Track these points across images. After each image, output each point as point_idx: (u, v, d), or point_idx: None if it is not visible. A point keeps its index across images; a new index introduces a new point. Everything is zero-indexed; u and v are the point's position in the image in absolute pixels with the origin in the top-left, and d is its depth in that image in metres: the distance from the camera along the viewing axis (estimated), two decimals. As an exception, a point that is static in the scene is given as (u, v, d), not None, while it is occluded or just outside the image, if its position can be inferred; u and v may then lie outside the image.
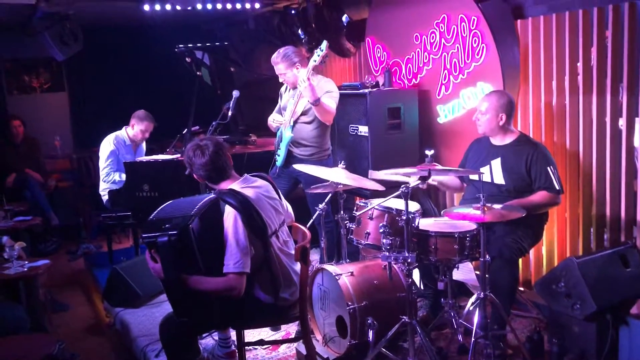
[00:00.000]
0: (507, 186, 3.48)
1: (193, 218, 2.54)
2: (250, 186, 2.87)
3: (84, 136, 7.38)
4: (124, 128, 5.36)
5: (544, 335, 3.37)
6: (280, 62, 4.18)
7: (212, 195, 2.75)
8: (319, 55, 3.86)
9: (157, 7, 5.32)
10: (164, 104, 6.41)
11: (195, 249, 2.56)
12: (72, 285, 5.35)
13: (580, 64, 3.63)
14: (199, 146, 2.82)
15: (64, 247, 6.31)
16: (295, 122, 4.20)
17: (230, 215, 2.68)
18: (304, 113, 4.17)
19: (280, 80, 4.30)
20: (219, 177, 2.87)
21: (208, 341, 3.63)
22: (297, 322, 3.34)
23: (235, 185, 2.85)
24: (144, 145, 5.59)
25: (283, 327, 3.71)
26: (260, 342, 3.17)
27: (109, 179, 5.18)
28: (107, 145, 5.24)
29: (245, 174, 2.97)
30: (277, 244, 2.88)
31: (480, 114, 3.54)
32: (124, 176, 5.02)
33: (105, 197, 5.23)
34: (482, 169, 3.53)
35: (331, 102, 4.11)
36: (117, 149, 5.24)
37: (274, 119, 4.37)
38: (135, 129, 5.30)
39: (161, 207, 2.73)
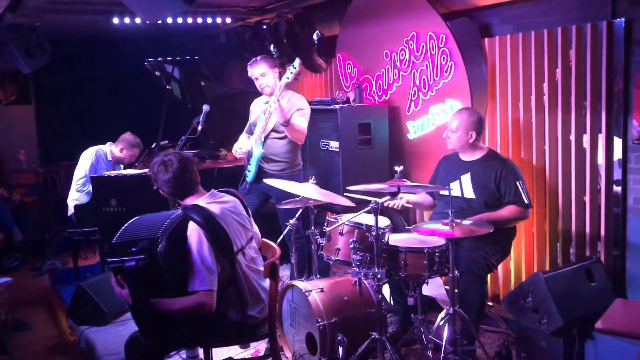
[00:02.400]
0: (478, 201, 3.52)
1: (160, 239, 2.47)
2: (217, 201, 2.82)
3: (50, 150, 7.23)
4: (108, 144, 5.27)
5: (512, 350, 3.40)
6: (260, 63, 4.14)
7: (178, 212, 2.70)
8: (291, 73, 3.87)
9: (127, 20, 5.28)
10: (133, 118, 6.33)
11: (162, 271, 2.49)
12: (35, 303, 5.20)
13: (545, 84, 3.71)
14: (163, 162, 2.77)
15: (28, 264, 6.15)
16: (266, 137, 4.19)
17: (194, 232, 2.62)
18: (274, 129, 4.16)
19: (258, 84, 4.20)
20: (183, 193, 2.81)
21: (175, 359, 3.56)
22: (266, 340, 3.30)
23: (201, 200, 2.79)
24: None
25: (252, 344, 3.66)
26: (229, 360, 3.13)
27: (84, 189, 5.08)
28: (87, 157, 5.17)
29: (213, 190, 2.93)
30: (244, 261, 2.82)
31: (450, 131, 3.58)
32: None
33: (71, 210, 5.12)
34: (452, 184, 3.57)
35: (302, 120, 4.10)
36: (97, 162, 5.16)
37: (239, 147, 4.33)
38: (124, 153, 5.25)
39: (124, 226, 2.65)
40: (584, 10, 3.49)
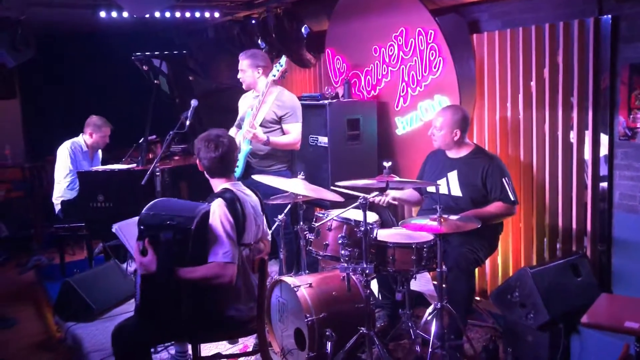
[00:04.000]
0: (464, 198, 3.53)
1: (195, 219, 2.60)
2: (242, 192, 2.92)
3: (36, 145, 7.15)
4: (80, 135, 5.24)
5: (499, 344, 3.42)
6: (245, 59, 4.21)
7: (205, 204, 2.77)
8: (278, 70, 3.91)
9: (114, 14, 5.23)
10: (120, 113, 6.26)
11: (190, 248, 2.61)
12: (21, 299, 5.15)
13: (533, 82, 3.73)
14: (216, 140, 2.89)
15: (13, 259, 6.08)
16: (254, 133, 4.18)
17: (221, 207, 2.72)
18: (262, 125, 4.15)
19: (238, 76, 4.28)
20: (219, 173, 2.93)
21: (163, 355, 3.54)
22: (255, 335, 3.30)
23: (229, 185, 2.90)
24: (100, 153, 5.48)
25: (240, 340, 3.66)
26: (218, 356, 3.12)
27: (74, 186, 5.03)
28: (64, 152, 5.12)
29: (239, 181, 3.04)
30: (245, 255, 2.87)
31: (435, 129, 3.59)
32: None
33: (58, 207, 5.08)
34: (439, 181, 3.58)
35: (293, 127, 4.15)
36: (75, 155, 5.12)
37: None
38: (94, 137, 5.21)
39: (153, 203, 2.77)
40: (571, 7, 3.51)
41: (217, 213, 2.71)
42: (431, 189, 3.65)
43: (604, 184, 3.48)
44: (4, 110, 7.25)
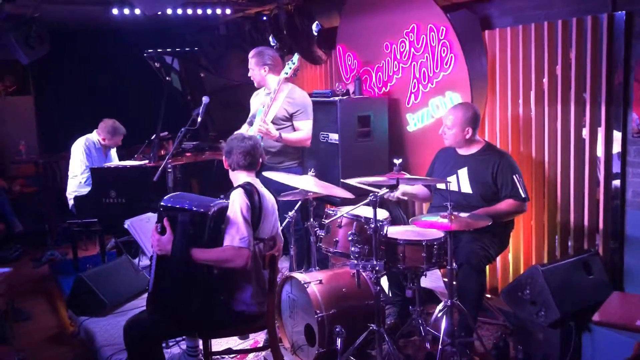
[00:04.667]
0: (474, 195, 3.52)
1: (214, 207, 2.72)
2: (263, 189, 3.00)
3: (50, 141, 7.22)
4: (94, 131, 5.30)
5: (509, 342, 3.41)
6: (252, 57, 4.26)
7: (224, 201, 2.85)
8: (290, 68, 3.93)
9: (126, 11, 5.26)
10: (132, 109, 6.32)
11: (206, 233, 2.70)
12: (35, 293, 5.22)
13: (545, 79, 3.70)
14: (245, 136, 3.09)
15: (28, 254, 6.15)
16: (266, 129, 4.19)
17: (241, 195, 2.80)
18: (274, 122, 4.16)
19: (249, 74, 4.33)
20: (245, 166, 3.02)
21: (175, 350, 3.57)
22: (265, 331, 3.32)
23: (251, 179, 2.99)
24: (114, 149, 5.53)
25: (251, 335, 3.68)
26: (228, 351, 3.14)
27: (90, 182, 5.07)
28: (79, 148, 5.18)
29: (257, 179, 3.10)
30: (258, 250, 2.91)
31: (446, 128, 3.58)
32: None
33: (71, 202, 5.13)
34: (449, 179, 3.57)
35: (304, 124, 4.17)
36: (89, 151, 5.18)
37: None
38: (106, 142, 5.30)
39: (173, 194, 2.92)
40: (584, 2, 3.48)
41: (237, 200, 2.78)
42: (441, 185, 3.64)
43: (617, 182, 3.45)
44: (18, 107, 7.33)
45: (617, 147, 3.44)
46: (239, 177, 3.04)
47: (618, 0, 3.30)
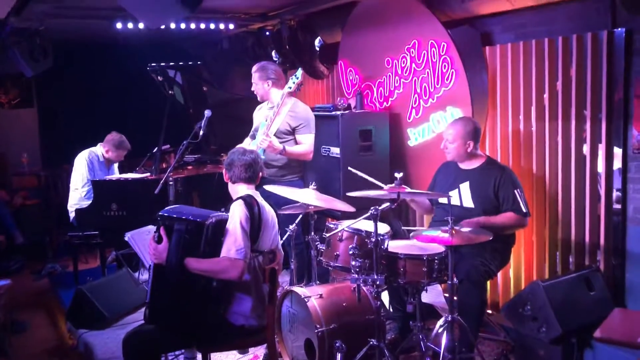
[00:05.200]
0: (476, 209, 3.52)
1: (212, 219, 2.75)
2: (263, 202, 3.00)
3: (53, 153, 7.25)
4: (98, 145, 5.32)
5: (510, 358, 3.39)
6: (256, 72, 4.31)
7: (224, 214, 2.86)
8: (294, 83, 3.96)
9: (130, 25, 5.31)
10: (135, 122, 6.36)
11: (202, 244, 2.72)
12: (35, 306, 5.21)
13: (546, 95, 3.72)
14: (246, 150, 3.11)
15: (28, 266, 6.15)
16: (268, 144, 4.21)
17: (241, 207, 2.79)
18: (276, 135, 4.17)
19: (252, 88, 4.36)
20: (245, 179, 3.03)
21: (174, 364, 3.55)
22: (265, 345, 3.30)
23: (252, 192, 2.99)
24: (116, 164, 5.55)
25: (251, 350, 3.67)
26: (227, 366, 3.12)
27: (91, 195, 5.08)
28: (82, 162, 5.19)
29: (257, 191, 3.10)
30: (257, 263, 2.90)
31: (448, 142, 3.59)
32: None
33: (72, 214, 5.13)
34: (451, 193, 3.57)
35: (306, 137, 4.19)
36: (92, 165, 5.19)
37: None
38: (109, 154, 5.30)
39: (173, 206, 2.99)
40: (584, 19, 3.50)
41: (237, 212, 2.78)
42: (443, 200, 3.64)
43: (618, 198, 3.45)
44: (21, 119, 7.37)
45: (617, 163, 3.44)
46: (239, 189, 3.04)
47: (618, 18, 3.32)
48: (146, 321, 2.84)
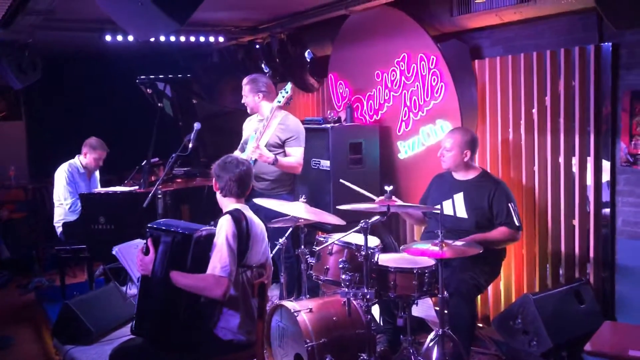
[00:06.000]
0: (469, 221, 3.52)
1: (200, 232, 2.74)
2: (250, 214, 2.94)
3: (40, 166, 7.17)
4: (76, 156, 5.26)
5: (502, 372, 3.38)
6: (246, 84, 4.29)
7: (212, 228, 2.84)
8: (283, 97, 3.95)
9: (119, 37, 5.30)
10: (124, 135, 6.32)
11: (188, 259, 2.70)
12: (21, 321, 5.13)
13: (535, 110, 3.74)
14: (237, 162, 2.97)
15: (15, 281, 6.06)
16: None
17: (229, 222, 2.74)
18: (266, 148, 4.16)
19: (242, 101, 4.35)
20: (235, 193, 2.94)
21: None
22: (254, 360, 3.26)
23: (240, 206, 2.92)
24: (97, 173, 5.48)
25: (240, 365, 3.62)
26: (216, 381, 3.07)
27: (75, 208, 5.03)
28: (62, 174, 5.12)
29: (246, 205, 3.03)
30: (246, 278, 2.86)
31: (445, 150, 3.60)
32: None
33: (59, 229, 5.08)
34: (444, 203, 3.57)
35: (296, 150, 4.17)
36: (72, 177, 5.13)
37: None
38: (88, 157, 5.23)
39: (163, 220, 2.99)
40: (572, 34, 3.54)
41: (224, 227, 2.74)
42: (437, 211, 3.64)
43: (607, 210, 3.47)
44: (9, 132, 7.31)
45: (606, 176, 3.46)
46: (227, 203, 2.99)
47: (604, 32, 3.36)
48: (132, 333, 2.82)
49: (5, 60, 5.34)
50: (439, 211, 3.42)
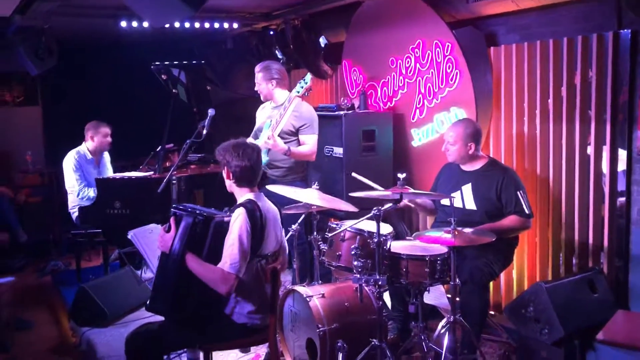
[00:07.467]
0: (479, 211, 3.51)
1: (220, 216, 2.84)
2: (265, 202, 2.97)
3: (56, 151, 7.19)
4: (83, 143, 5.29)
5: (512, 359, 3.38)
6: (259, 72, 4.29)
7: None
8: (302, 87, 3.91)
9: (134, 24, 5.32)
10: (138, 121, 6.37)
11: (207, 242, 2.79)
12: (38, 303, 5.21)
13: (550, 96, 3.71)
14: (245, 148, 2.93)
15: (32, 264, 6.16)
16: (272, 145, 4.20)
17: (242, 216, 2.77)
18: (280, 135, 4.16)
19: (255, 88, 4.35)
20: (246, 182, 2.95)
21: (176, 363, 3.56)
22: (267, 344, 3.30)
23: (252, 196, 2.93)
24: (107, 158, 5.50)
25: (252, 348, 3.66)
26: (229, 364, 3.12)
27: (84, 195, 5.08)
28: (70, 162, 5.14)
29: (261, 192, 3.06)
30: (260, 265, 2.90)
31: (449, 144, 3.58)
32: None
33: (75, 214, 5.14)
34: (453, 195, 3.56)
35: (309, 138, 4.17)
36: (80, 165, 5.16)
37: None
38: (95, 139, 5.22)
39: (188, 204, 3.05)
40: (590, 21, 3.49)
41: (238, 222, 2.76)
42: (445, 201, 3.64)
43: (622, 199, 3.44)
44: (26, 117, 7.39)
45: (622, 165, 3.43)
46: (240, 193, 2.98)
47: (623, 19, 3.31)
48: (147, 309, 2.89)
49: (22, 46, 5.38)
50: (450, 201, 3.42)
